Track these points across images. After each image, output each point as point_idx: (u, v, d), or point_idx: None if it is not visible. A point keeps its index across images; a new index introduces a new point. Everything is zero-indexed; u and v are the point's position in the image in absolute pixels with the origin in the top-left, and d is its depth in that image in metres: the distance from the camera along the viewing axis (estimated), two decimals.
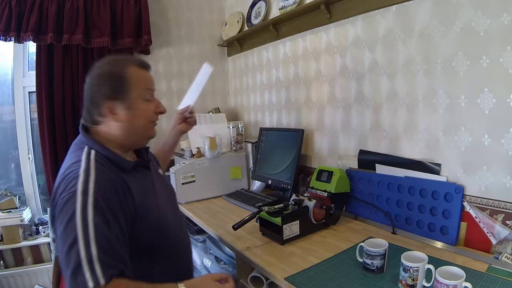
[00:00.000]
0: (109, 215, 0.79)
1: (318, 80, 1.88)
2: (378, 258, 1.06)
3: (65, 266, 0.74)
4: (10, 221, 2.12)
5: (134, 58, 1.00)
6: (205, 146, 2.04)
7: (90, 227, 0.75)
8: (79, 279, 0.71)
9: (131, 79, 0.93)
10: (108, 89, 0.91)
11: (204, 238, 1.90)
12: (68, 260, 0.73)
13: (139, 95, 0.94)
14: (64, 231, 0.76)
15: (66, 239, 0.75)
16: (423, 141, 1.37)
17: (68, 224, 0.76)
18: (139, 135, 0.99)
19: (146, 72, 0.99)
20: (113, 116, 0.92)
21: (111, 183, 0.84)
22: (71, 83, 2.15)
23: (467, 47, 1.19)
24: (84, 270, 0.71)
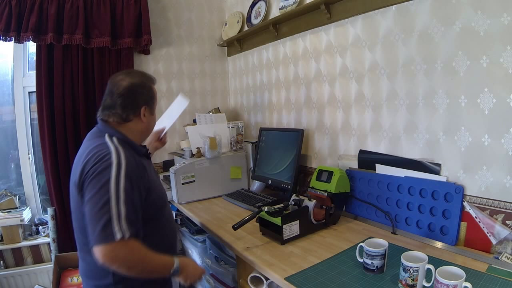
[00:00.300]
0: (135, 184, 1.00)
1: (318, 80, 1.88)
2: (378, 258, 1.06)
3: (94, 222, 0.91)
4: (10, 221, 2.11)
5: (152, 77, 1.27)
6: (205, 146, 2.04)
7: (121, 191, 0.95)
8: (108, 231, 0.90)
9: (154, 93, 1.24)
10: (147, 97, 1.19)
11: (204, 238, 1.90)
12: (100, 216, 0.91)
13: (155, 107, 1.25)
14: (97, 193, 0.94)
15: (99, 199, 0.93)
16: (423, 141, 1.37)
17: (102, 188, 0.94)
18: (145, 137, 1.26)
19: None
20: (143, 117, 1.18)
21: (135, 160, 1.05)
22: (71, 83, 2.15)
23: (467, 47, 1.19)
24: (114, 224, 0.91)
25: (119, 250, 0.92)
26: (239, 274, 1.44)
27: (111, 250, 0.91)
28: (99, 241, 0.91)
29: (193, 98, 2.69)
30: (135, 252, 0.95)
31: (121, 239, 0.91)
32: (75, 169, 1.06)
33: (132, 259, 0.95)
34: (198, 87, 2.71)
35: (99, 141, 1.07)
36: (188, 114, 2.66)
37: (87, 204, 0.96)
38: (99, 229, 0.90)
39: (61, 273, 2.03)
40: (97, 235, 0.91)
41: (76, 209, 1.06)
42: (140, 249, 0.97)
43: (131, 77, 1.17)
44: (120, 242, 0.91)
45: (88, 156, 1.02)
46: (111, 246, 0.90)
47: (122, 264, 0.93)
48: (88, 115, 2.19)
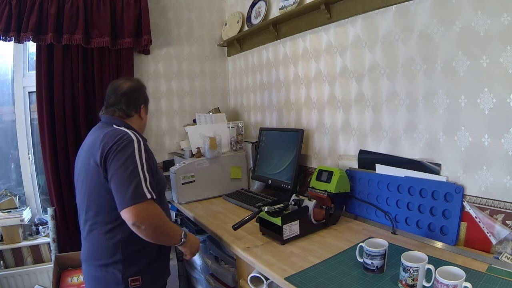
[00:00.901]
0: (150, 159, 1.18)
1: (318, 80, 1.88)
2: (378, 258, 1.06)
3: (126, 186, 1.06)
4: (10, 221, 2.11)
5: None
6: (205, 146, 2.04)
7: (144, 161, 1.12)
8: (139, 192, 1.06)
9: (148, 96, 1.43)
10: (145, 98, 1.39)
11: (204, 238, 1.90)
12: (130, 180, 1.06)
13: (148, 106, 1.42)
14: (124, 163, 1.09)
15: (128, 167, 1.08)
16: (423, 141, 1.37)
17: (129, 158, 1.10)
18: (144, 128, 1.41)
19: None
20: (142, 114, 1.37)
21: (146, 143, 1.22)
22: (71, 83, 2.15)
23: (467, 47, 1.19)
24: (143, 186, 1.07)
25: (149, 209, 1.06)
26: (239, 274, 1.44)
27: (143, 209, 1.04)
28: (131, 201, 1.04)
29: (193, 98, 2.70)
30: (159, 213, 1.11)
31: (151, 199, 1.07)
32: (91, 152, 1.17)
33: (158, 218, 1.10)
34: (198, 87, 2.71)
35: (110, 128, 1.21)
36: (188, 114, 2.66)
37: (114, 175, 1.09)
38: (131, 191, 1.04)
39: (61, 273, 2.02)
40: (129, 196, 1.04)
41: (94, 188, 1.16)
42: (162, 211, 1.13)
43: (130, 81, 1.36)
44: (150, 201, 1.07)
45: (106, 138, 1.15)
46: (143, 205, 1.05)
47: (151, 222, 1.07)
48: (88, 115, 2.19)
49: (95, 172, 1.14)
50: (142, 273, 1.19)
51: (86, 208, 1.19)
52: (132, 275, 1.16)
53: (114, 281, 1.15)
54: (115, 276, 1.15)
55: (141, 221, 1.04)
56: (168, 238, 1.19)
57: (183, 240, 1.23)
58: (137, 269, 1.18)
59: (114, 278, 1.15)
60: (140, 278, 1.18)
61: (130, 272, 1.16)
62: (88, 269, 1.21)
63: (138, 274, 1.18)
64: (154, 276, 1.24)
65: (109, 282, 1.16)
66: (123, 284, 1.15)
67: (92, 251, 1.19)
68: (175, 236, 1.21)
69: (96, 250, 1.18)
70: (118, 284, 1.15)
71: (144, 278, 1.19)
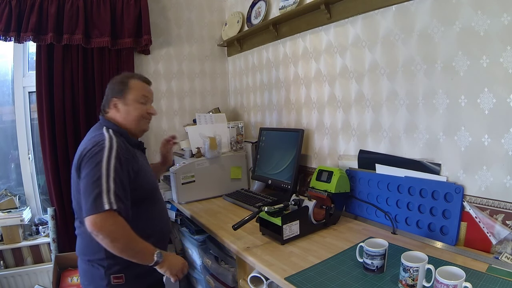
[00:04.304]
0: (124, 165, 1.15)
1: (318, 80, 1.88)
2: (378, 258, 1.06)
3: (87, 194, 1.06)
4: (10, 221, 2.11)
5: (141, 76, 1.40)
6: (205, 146, 2.04)
7: (112, 170, 1.09)
8: (98, 202, 1.03)
9: (131, 86, 1.32)
10: (117, 90, 1.32)
11: (204, 238, 1.89)
12: (92, 189, 1.06)
13: (135, 97, 1.32)
14: (91, 171, 1.09)
15: (93, 176, 1.08)
16: (423, 141, 1.37)
17: (95, 167, 1.09)
18: (132, 123, 1.32)
19: (146, 85, 1.38)
20: (115, 108, 1.31)
21: (125, 146, 1.22)
22: (71, 83, 2.15)
23: (467, 47, 1.19)
24: (103, 196, 1.04)
25: (106, 220, 1.03)
26: (239, 274, 1.44)
27: (99, 219, 1.03)
28: (90, 211, 1.04)
29: (193, 98, 2.70)
30: (120, 226, 1.06)
31: (109, 210, 1.03)
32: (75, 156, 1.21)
33: (116, 231, 1.05)
34: (198, 87, 2.71)
35: (96, 132, 1.24)
36: (188, 114, 2.66)
37: (82, 181, 1.11)
38: (91, 201, 1.04)
39: (61, 273, 2.02)
40: (89, 206, 1.04)
41: (75, 189, 1.21)
42: (126, 226, 1.07)
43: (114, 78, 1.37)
44: (108, 213, 1.03)
45: (85, 144, 1.20)
46: (99, 216, 1.03)
47: (107, 234, 1.04)
48: (88, 115, 2.19)
49: (74, 176, 1.19)
50: (126, 271, 1.20)
51: (75, 206, 1.25)
52: (114, 273, 1.19)
53: (99, 275, 1.20)
54: (99, 271, 1.20)
55: (96, 231, 1.03)
56: (134, 254, 1.11)
57: (156, 259, 1.13)
58: (121, 267, 1.19)
59: (98, 273, 1.20)
60: (123, 276, 1.20)
61: (113, 269, 1.19)
62: (79, 261, 1.28)
63: (121, 272, 1.20)
64: (139, 275, 1.23)
65: (94, 276, 1.21)
66: (106, 280, 1.19)
67: (81, 247, 1.25)
68: (144, 253, 1.12)
69: (84, 245, 1.23)
70: (102, 279, 1.19)
71: (127, 276, 1.21)
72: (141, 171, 1.25)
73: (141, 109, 1.33)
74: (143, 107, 1.34)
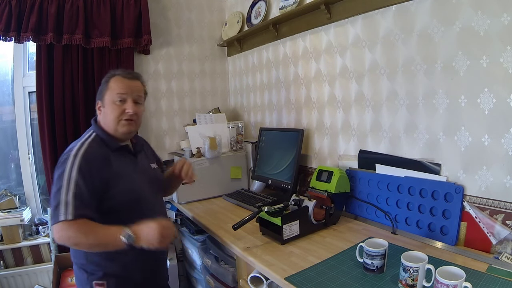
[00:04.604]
0: (87, 175, 1.11)
1: (318, 80, 1.88)
2: (378, 258, 1.06)
3: (51, 204, 1.09)
4: (10, 221, 2.11)
5: (125, 70, 1.30)
6: (205, 146, 2.04)
7: (72, 181, 1.08)
8: (56, 213, 1.06)
9: (110, 86, 1.24)
10: (99, 92, 1.28)
11: (204, 238, 1.89)
12: (53, 200, 1.08)
13: (111, 98, 1.23)
14: (55, 180, 1.11)
15: (55, 186, 1.10)
16: (423, 141, 1.37)
17: (59, 177, 1.10)
18: (110, 127, 1.25)
19: (127, 80, 1.26)
20: (99, 110, 1.28)
21: (95, 155, 1.17)
22: (71, 83, 2.15)
23: (467, 47, 1.19)
24: (61, 208, 1.05)
25: (62, 230, 1.05)
26: (239, 274, 1.44)
27: (56, 230, 1.06)
28: (51, 221, 1.08)
29: (193, 98, 2.70)
30: (78, 230, 1.05)
31: (64, 221, 1.04)
32: None
33: (75, 237, 1.06)
34: (198, 87, 2.71)
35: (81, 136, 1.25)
36: (188, 114, 2.66)
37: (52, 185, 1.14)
38: (52, 211, 1.07)
39: (61, 273, 2.02)
40: (51, 214, 1.08)
41: None
42: (83, 226, 1.06)
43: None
44: (63, 223, 1.04)
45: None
46: (58, 226, 1.05)
47: (66, 241, 1.06)
48: (88, 115, 2.18)
49: None
50: (108, 279, 1.18)
51: None
52: (97, 279, 1.18)
53: (84, 280, 1.20)
54: (84, 275, 1.20)
55: (57, 239, 1.06)
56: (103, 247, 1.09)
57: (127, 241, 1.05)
58: (103, 274, 1.18)
59: (83, 277, 1.20)
60: (105, 284, 1.18)
61: (95, 276, 1.18)
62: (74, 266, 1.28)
63: (103, 279, 1.18)
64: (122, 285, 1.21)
65: (81, 280, 1.22)
66: (89, 285, 1.19)
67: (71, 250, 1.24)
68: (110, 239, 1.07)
69: (72, 251, 1.23)
70: (86, 284, 1.19)
71: (110, 284, 1.18)
72: (117, 178, 1.18)
73: (116, 110, 1.22)
74: (118, 108, 1.22)
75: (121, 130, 1.24)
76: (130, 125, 1.25)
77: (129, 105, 1.23)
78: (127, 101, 1.23)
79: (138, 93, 1.27)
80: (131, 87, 1.25)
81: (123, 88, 1.23)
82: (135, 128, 1.30)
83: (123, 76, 1.26)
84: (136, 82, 1.28)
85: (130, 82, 1.26)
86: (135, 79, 1.29)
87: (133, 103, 1.24)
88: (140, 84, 1.31)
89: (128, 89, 1.24)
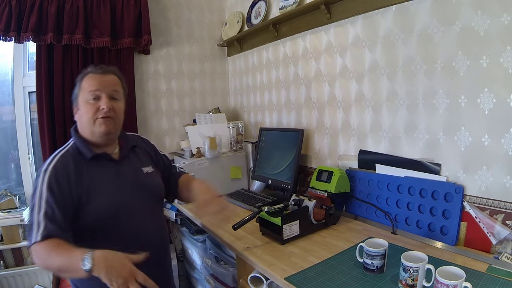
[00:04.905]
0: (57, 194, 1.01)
1: (318, 80, 1.88)
2: (378, 258, 1.06)
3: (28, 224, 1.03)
4: (10, 221, 2.11)
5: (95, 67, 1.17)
6: (205, 146, 2.04)
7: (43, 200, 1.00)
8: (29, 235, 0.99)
9: (82, 86, 1.14)
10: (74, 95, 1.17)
11: (204, 238, 1.90)
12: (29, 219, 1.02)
13: (84, 98, 1.12)
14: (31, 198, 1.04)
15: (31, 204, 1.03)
16: (423, 141, 1.37)
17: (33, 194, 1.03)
18: (87, 130, 1.13)
19: (97, 76, 1.14)
20: (75, 115, 1.16)
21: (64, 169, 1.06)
22: (71, 83, 2.13)
23: (467, 47, 1.19)
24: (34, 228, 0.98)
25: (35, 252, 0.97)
26: (239, 274, 1.44)
27: (32, 252, 0.98)
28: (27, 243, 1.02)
29: (193, 98, 2.70)
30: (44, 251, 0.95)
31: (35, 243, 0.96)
32: None
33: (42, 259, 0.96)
34: (198, 87, 2.71)
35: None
36: (188, 114, 2.66)
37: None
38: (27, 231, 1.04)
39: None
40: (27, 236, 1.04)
41: None
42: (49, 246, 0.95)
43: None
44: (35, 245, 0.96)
45: None
46: (31, 249, 0.98)
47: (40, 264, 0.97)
48: None
49: None
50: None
51: None
52: None
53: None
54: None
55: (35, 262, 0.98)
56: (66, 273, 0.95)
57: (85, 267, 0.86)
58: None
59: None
60: None
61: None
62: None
63: None
64: None
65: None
66: None
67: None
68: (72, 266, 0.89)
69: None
70: None
71: None
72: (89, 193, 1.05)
73: (90, 109, 1.10)
74: (92, 106, 1.10)
75: (98, 130, 1.11)
76: (107, 123, 1.11)
77: (103, 101, 1.10)
78: (101, 98, 1.11)
79: (113, 87, 1.15)
80: (104, 82, 1.13)
81: (94, 85, 1.11)
82: (114, 127, 1.15)
83: (94, 72, 1.14)
84: (110, 76, 1.16)
85: (103, 77, 1.13)
86: (109, 73, 1.16)
87: (108, 98, 1.11)
88: (116, 78, 1.17)
89: (100, 85, 1.12)
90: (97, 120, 1.11)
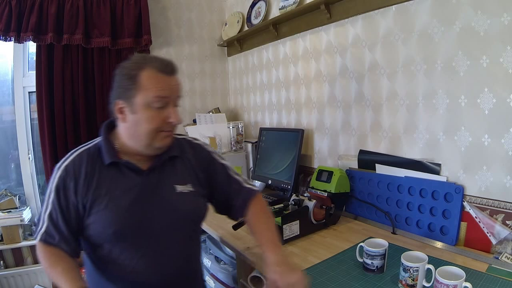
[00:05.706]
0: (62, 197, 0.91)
1: (318, 80, 1.88)
2: (378, 258, 1.05)
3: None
4: (10, 221, 2.11)
5: (158, 60, 0.92)
6: None
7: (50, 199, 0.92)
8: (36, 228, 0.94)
9: (142, 83, 0.88)
10: (119, 90, 0.91)
11: (204, 238, 1.89)
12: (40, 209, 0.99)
13: (145, 102, 0.89)
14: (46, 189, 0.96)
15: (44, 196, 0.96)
16: (423, 141, 1.37)
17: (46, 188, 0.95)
18: (141, 141, 0.93)
19: (166, 77, 0.91)
20: (121, 115, 0.92)
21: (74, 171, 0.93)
22: (71, 83, 2.15)
23: (467, 47, 1.19)
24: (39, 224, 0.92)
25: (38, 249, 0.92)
26: (239, 274, 1.44)
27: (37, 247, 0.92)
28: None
29: (193, 98, 2.70)
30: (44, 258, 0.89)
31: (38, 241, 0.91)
32: None
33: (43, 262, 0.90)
34: (198, 87, 2.71)
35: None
36: (188, 114, 2.66)
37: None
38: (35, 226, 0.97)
39: None
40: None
41: None
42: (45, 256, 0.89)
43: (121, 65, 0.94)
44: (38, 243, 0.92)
45: None
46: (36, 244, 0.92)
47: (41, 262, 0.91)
48: (88, 115, 2.19)
49: None
50: None
51: None
52: None
53: None
54: None
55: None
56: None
57: None
58: None
59: None
60: None
61: None
62: None
63: None
64: None
65: None
66: None
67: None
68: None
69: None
70: None
71: None
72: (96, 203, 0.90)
73: (155, 119, 0.90)
74: (158, 115, 0.90)
75: (158, 145, 0.93)
76: (170, 137, 0.96)
77: (172, 112, 0.92)
78: (168, 106, 0.91)
79: (179, 93, 0.95)
80: (173, 86, 0.92)
81: (164, 90, 0.90)
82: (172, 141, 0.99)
83: (162, 71, 0.90)
84: (176, 79, 0.94)
85: (172, 80, 0.92)
86: (175, 74, 0.94)
87: (174, 107, 0.93)
88: (179, 80, 0.96)
89: (170, 91, 0.91)
90: (161, 133, 0.92)
